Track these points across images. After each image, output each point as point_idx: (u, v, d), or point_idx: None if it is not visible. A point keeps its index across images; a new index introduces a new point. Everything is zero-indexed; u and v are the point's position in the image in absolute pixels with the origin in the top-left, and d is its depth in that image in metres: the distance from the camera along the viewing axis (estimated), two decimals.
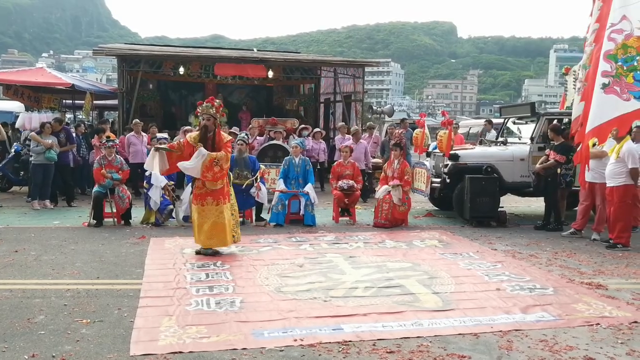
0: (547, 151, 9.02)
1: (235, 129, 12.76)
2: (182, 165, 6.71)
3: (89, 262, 6.41)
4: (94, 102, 15.58)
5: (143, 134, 12.21)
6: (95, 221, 8.68)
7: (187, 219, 8.97)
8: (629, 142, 7.58)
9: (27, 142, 11.36)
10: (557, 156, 8.73)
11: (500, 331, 4.39)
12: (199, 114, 6.96)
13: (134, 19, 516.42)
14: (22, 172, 12.10)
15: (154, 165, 6.81)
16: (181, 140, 7.17)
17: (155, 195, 8.71)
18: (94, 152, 11.48)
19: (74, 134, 11.51)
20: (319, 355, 3.90)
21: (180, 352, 3.89)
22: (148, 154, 7.46)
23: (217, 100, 6.99)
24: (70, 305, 4.87)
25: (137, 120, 12.61)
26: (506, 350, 4.02)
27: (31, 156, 10.42)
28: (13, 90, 14.53)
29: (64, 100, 16.71)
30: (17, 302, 4.93)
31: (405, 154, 9.88)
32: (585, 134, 7.41)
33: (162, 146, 7.02)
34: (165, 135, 10.35)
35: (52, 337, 4.14)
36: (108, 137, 9.34)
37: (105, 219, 8.83)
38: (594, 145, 7.90)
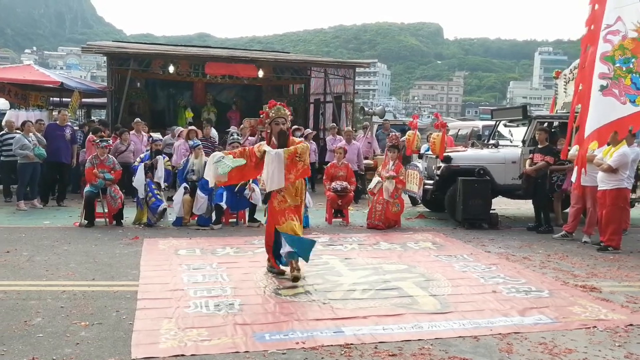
0: (530, 155, 9.13)
1: (234, 129, 12.86)
2: (266, 176, 5.71)
3: (83, 263, 6.34)
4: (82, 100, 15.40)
5: (143, 133, 12.15)
6: (86, 221, 8.59)
7: (180, 221, 8.89)
8: (624, 147, 7.67)
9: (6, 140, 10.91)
10: (547, 157, 8.83)
11: (500, 334, 4.42)
12: (267, 121, 5.88)
13: (119, 16, 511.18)
14: None
15: (211, 176, 5.76)
16: (246, 148, 6.02)
17: (139, 186, 8.65)
18: (85, 152, 11.31)
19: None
20: (322, 358, 3.90)
21: (183, 355, 3.87)
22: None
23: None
24: (67, 307, 4.81)
25: (139, 119, 12.57)
26: (507, 353, 4.05)
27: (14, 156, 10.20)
28: None
29: (51, 98, 16.50)
30: (13, 304, 4.86)
31: (402, 157, 9.93)
32: (584, 137, 7.37)
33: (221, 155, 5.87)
34: (160, 136, 10.23)
35: (51, 339, 4.09)
36: (102, 136, 9.23)
37: (97, 219, 8.74)
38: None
